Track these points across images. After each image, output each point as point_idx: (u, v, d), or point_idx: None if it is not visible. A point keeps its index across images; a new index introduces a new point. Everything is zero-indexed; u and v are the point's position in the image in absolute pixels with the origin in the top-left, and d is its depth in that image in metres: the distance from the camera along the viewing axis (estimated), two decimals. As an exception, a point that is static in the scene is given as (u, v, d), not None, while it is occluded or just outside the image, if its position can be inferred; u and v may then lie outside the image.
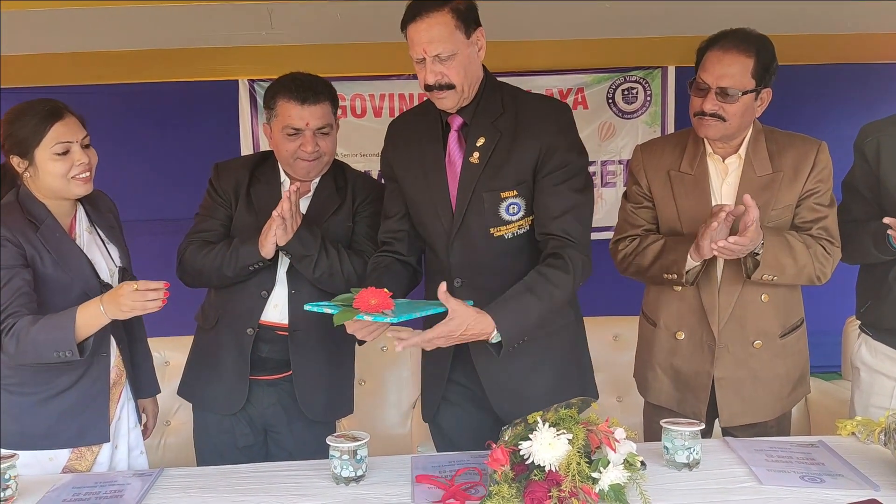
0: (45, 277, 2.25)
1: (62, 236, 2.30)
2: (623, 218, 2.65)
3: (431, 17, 2.15)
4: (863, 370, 2.67)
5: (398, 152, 2.42)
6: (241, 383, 2.59)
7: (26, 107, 2.26)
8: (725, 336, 2.50)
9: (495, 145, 2.26)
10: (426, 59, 2.18)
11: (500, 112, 2.29)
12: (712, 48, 2.40)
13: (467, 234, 2.30)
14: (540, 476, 1.86)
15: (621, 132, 5.25)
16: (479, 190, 2.27)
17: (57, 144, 2.23)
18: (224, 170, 2.68)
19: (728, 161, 2.50)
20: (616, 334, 3.91)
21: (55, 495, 2.05)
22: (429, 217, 2.36)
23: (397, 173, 2.42)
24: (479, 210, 2.28)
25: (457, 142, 2.32)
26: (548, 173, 2.26)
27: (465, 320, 2.08)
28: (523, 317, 2.16)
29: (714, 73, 2.37)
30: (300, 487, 2.06)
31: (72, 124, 2.27)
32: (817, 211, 2.47)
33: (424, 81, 2.22)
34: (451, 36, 2.17)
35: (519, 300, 2.16)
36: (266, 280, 2.57)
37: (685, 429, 2.09)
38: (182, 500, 2.02)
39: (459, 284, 2.32)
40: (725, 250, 2.28)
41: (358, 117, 5.17)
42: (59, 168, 2.25)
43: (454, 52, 2.18)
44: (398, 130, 2.47)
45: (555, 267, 2.21)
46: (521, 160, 2.26)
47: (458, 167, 2.30)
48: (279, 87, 2.53)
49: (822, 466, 2.09)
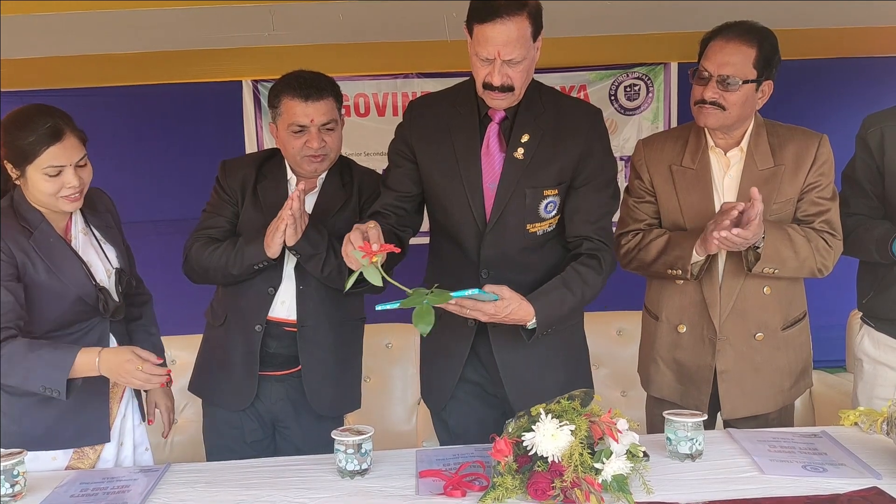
0: (38, 284, 2.23)
1: (56, 241, 2.29)
2: (625, 213, 2.66)
3: (512, 19, 2.09)
4: (865, 361, 2.67)
5: (425, 140, 2.37)
6: (250, 380, 2.61)
7: (28, 117, 2.20)
8: (727, 329, 2.51)
9: (539, 142, 2.27)
10: (497, 60, 2.14)
11: (541, 110, 2.30)
12: (716, 38, 2.41)
13: (503, 228, 2.31)
14: (543, 467, 1.88)
15: (623, 129, 5.25)
16: (522, 185, 2.28)
17: (49, 167, 2.19)
18: (231, 167, 2.68)
19: (730, 154, 2.51)
20: (619, 329, 3.92)
21: (63, 491, 2.06)
22: (459, 208, 2.34)
23: (420, 160, 2.38)
24: (520, 205, 2.29)
25: (497, 136, 2.31)
26: (587, 177, 2.31)
27: (511, 304, 2.16)
28: (558, 309, 2.26)
29: (716, 62, 2.38)
30: (305, 481, 2.07)
31: (69, 146, 2.21)
32: (819, 204, 2.48)
33: (487, 80, 2.17)
34: (526, 41, 2.13)
35: (557, 293, 2.26)
36: (273, 277, 2.58)
37: (688, 419, 2.10)
38: (188, 494, 2.03)
39: (487, 276, 2.33)
40: (727, 241, 2.29)
41: (361, 116, 5.18)
42: (48, 188, 2.21)
43: (525, 58, 2.16)
44: (425, 114, 2.40)
45: (590, 267, 2.30)
46: (563, 161, 2.28)
47: (496, 161, 2.30)
48: (283, 85, 2.54)
49: (825, 456, 2.09)
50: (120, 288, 2.37)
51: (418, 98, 2.55)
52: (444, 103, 2.40)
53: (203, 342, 2.78)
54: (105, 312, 2.32)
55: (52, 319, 2.26)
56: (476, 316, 2.16)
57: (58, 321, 2.27)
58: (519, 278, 2.28)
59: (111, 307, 2.32)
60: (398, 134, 2.45)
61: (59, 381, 2.14)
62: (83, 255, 2.33)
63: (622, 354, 3.82)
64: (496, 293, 2.13)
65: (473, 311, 2.14)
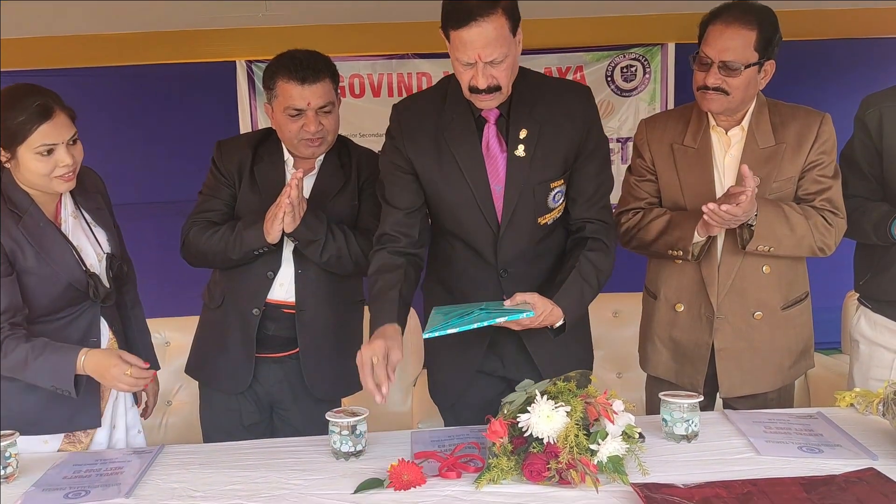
0: (27, 270, 2.21)
1: (46, 226, 2.25)
2: (626, 191, 2.65)
3: (487, 20, 2.03)
4: (862, 343, 2.67)
5: (422, 149, 2.29)
6: (247, 363, 2.60)
7: (16, 97, 2.15)
8: (725, 308, 2.50)
9: (538, 136, 2.24)
10: (478, 63, 2.08)
11: (534, 101, 2.25)
12: (714, 22, 2.38)
13: (516, 227, 2.29)
14: (539, 448, 1.87)
15: (620, 110, 5.24)
16: (530, 183, 2.25)
17: (41, 146, 2.15)
18: (227, 148, 2.64)
19: (731, 133, 2.49)
20: (615, 311, 3.92)
21: (56, 472, 2.05)
22: (470, 215, 2.29)
23: (420, 170, 2.30)
24: (529, 202, 2.27)
25: (496, 136, 2.26)
26: (584, 160, 2.29)
27: (544, 312, 2.16)
28: (579, 303, 2.29)
29: (716, 47, 2.35)
30: (300, 462, 2.06)
31: (60, 124, 2.17)
32: (820, 182, 2.46)
33: (472, 84, 2.12)
34: (505, 39, 2.07)
35: (577, 288, 2.26)
36: (272, 260, 2.56)
37: (683, 401, 2.09)
38: (182, 475, 2.02)
39: (506, 275, 2.33)
40: (715, 216, 2.26)
41: (356, 97, 5.16)
42: (41, 168, 2.17)
43: (507, 55, 2.10)
44: (414, 122, 2.32)
45: (599, 251, 2.31)
46: (565, 149, 2.26)
47: (499, 162, 2.26)
48: (278, 66, 2.48)
49: (821, 437, 2.09)
50: (111, 273, 2.35)
51: (402, 101, 2.41)
52: (432, 106, 2.31)
53: (200, 324, 2.76)
54: (96, 298, 2.29)
55: (42, 306, 2.24)
56: (510, 326, 2.16)
57: (48, 307, 2.25)
58: (534, 269, 2.32)
59: (102, 293, 2.30)
60: (389, 145, 2.35)
61: (67, 382, 2.17)
62: (73, 240, 2.30)
63: (618, 336, 3.82)
64: (527, 301, 2.13)
65: (506, 323, 2.13)
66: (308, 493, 1.89)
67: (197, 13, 4.69)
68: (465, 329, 2.05)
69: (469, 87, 2.14)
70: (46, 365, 2.16)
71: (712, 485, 1.82)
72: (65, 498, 1.90)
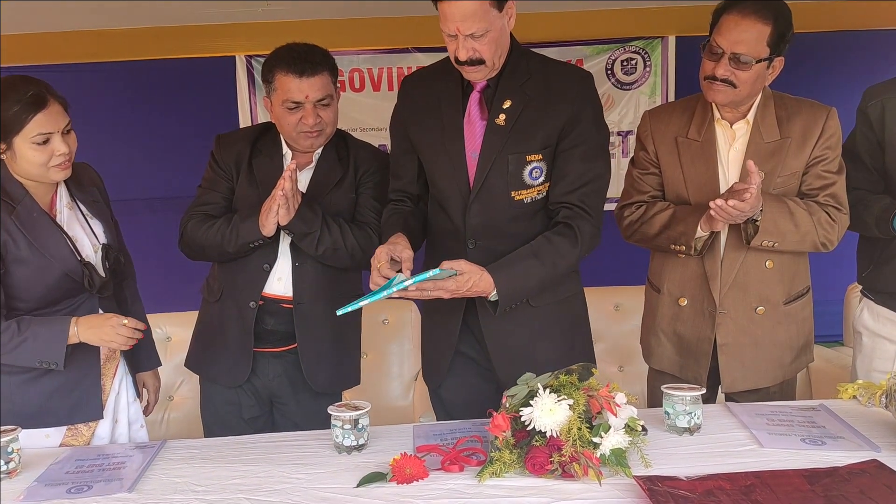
0: (21, 260, 2.21)
1: (40, 216, 2.25)
2: (629, 184, 2.64)
3: None
4: (865, 335, 2.66)
5: (416, 115, 2.40)
6: (245, 356, 2.60)
7: (9, 89, 2.16)
8: (727, 302, 2.49)
9: (523, 108, 2.26)
10: (459, 35, 2.14)
11: (526, 77, 2.28)
12: (730, 11, 2.33)
13: (488, 196, 2.30)
14: (541, 442, 1.87)
15: (620, 103, 5.22)
16: (504, 152, 2.26)
17: (38, 135, 2.16)
18: (225, 142, 2.66)
19: (736, 126, 2.47)
20: (617, 304, 3.92)
21: (58, 467, 2.05)
22: (445, 179, 2.35)
23: (412, 135, 2.40)
24: (502, 172, 2.28)
25: (478, 104, 2.30)
26: (571, 142, 2.27)
27: (472, 277, 2.14)
28: (523, 280, 2.22)
29: (729, 38, 2.32)
30: (302, 456, 2.06)
31: (54, 113, 2.19)
32: (824, 178, 2.45)
33: (455, 56, 2.20)
34: (485, 14, 2.12)
35: (522, 263, 2.22)
36: (268, 253, 2.56)
37: (686, 394, 2.09)
38: (184, 470, 2.02)
39: (473, 246, 2.32)
40: (722, 211, 2.26)
41: (356, 92, 5.15)
42: (38, 158, 2.19)
43: (488, 30, 2.14)
44: (415, 90, 2.44)
45: (563, 236, 2.26)
46: (549, 125, 2.26)
47: (477, 129, 2.29)
48: (276, 59, 2.49)
49: (823, 429, 2.09)
50: (107, 263, 2.35)
51: (413, 73, 2.54)
52: (434, 77, 2.40)
53: (199, 318, 2.76)
54: (91, 288, 2.29)
55: (37, 297, 2.24)
56: (439, 295, 2.13)
57: (44, 298, 2.25)
58: (507, 248, 2.27)
59: (97, 283, 2.29)
60: (395, 113, 2.47)
61: (57, 354, 2.17)
62: (68, 230, 2.30)
63: (620, 329, 3.82)
64: (454, 268, 2.12)
65: (435, 291, 2.12)
66: (310, 487, 1.89)
67: (197, 8, 4.68)
68: (376, 297, 2.04)
69: (455, 58, 2.20)
70: (35, 339, 2.16)
71: (715, 477, 1.82)
72: (67, 493, 1.90)
